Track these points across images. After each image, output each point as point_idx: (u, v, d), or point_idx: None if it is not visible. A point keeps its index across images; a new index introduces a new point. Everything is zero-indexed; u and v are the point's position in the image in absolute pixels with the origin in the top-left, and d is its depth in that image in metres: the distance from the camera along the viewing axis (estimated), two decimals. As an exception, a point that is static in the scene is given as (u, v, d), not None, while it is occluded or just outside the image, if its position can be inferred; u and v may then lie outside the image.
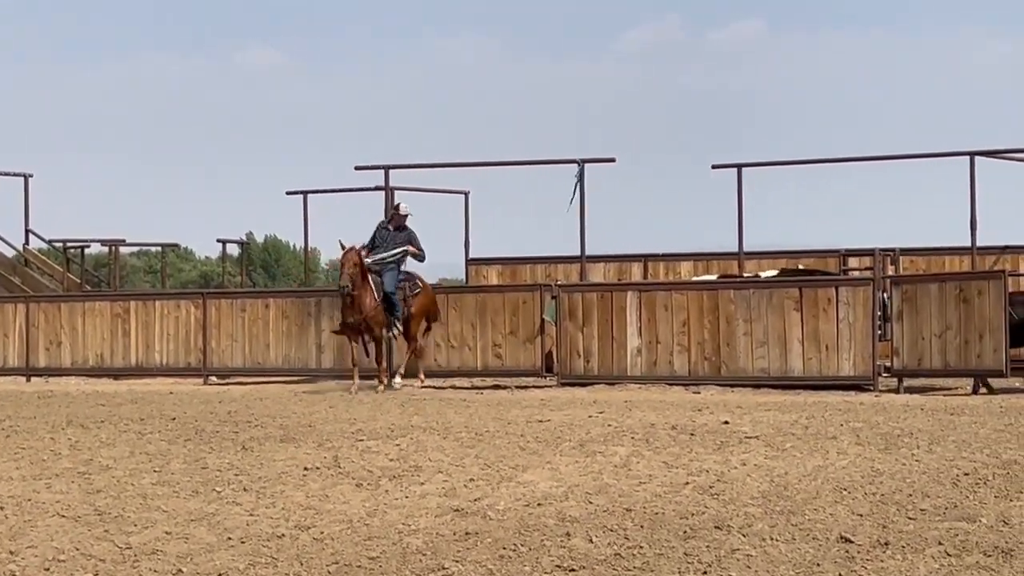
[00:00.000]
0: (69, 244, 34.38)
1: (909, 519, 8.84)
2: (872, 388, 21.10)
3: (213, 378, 25.26)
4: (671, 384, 21.97)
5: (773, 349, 21.79)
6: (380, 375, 21.94)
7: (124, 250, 41.01)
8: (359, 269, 21.66)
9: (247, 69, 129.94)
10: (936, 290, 21.13)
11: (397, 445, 13.20)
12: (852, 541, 8.08)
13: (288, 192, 29.63)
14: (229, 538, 8.55)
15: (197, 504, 9.85)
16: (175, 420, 16.15)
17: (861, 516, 8.96)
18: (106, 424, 15.72)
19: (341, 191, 29.42)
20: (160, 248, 39.93)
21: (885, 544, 8.00)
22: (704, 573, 7.38)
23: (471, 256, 28.10)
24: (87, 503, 9.95)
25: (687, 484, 10.48)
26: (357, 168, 25.85)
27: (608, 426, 14.86)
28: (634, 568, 7.52)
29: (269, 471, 11.45)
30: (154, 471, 11.56)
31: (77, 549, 8.27)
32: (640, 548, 8.00)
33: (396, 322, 22.07)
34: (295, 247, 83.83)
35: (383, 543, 8.31)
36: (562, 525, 8.78)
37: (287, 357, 24.85)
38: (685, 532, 8.48)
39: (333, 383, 22.78)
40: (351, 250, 21.61)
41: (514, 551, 7.99)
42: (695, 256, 27.80)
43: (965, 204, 23.09)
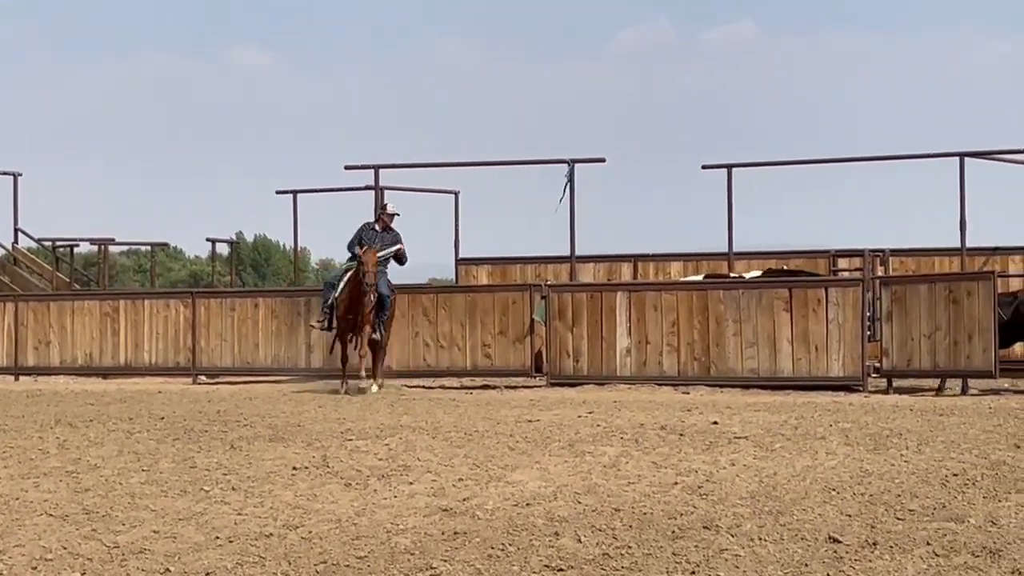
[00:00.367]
0: (58, 243, 34.33)
1: (897, 519, 8.84)
2: (861, 389, 21.12)
3: (202, 377, 25.23)
4: (660, 384, 21.98)
5: (762, 350, 21.80)
6: (367, 375, 21.78)
7: (113, 249, 40.90)
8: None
9: (237, 69, 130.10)
10: (926, 291, 21.16)
11: (386, 445, 13.19)
12: (840, 541, 8.08)
13: (278, 191, 29.66)
14: (217, 537, 8.53)
15: (185, 503, 9.83)
16: (164, 419, 16.13)
17: (850, 516, 8.96)
18: (95, 423, 15.70)
19: (331, 191, 29.44)
20: (149, 247, 39.89)
21: (873, 544, 8.00)
22: (692, 573, 7.37)
23: (461, 256, 28.09)
24: (75, 502, 9.93)
25: (676, 484, 10.48)
26: (347, 168, 25.90)
27: (597, 426, 14.86)
28: (622, 568, 7.51)
29: (258, 470, 11.43)
30: (142, 470, 11.54)
31: (65, 548, 8.25)
32: (628, 548, 7.99)
33: (381, 324, 21.95)
34: (285, 246, 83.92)
35: (371, 543, 8.29)
36: (551, 525, 8.77)
37: (276, 357, 24.82)
38: (674, 532, 8.48)
39: (322, 383, 22.74)
40: (371, 250, 21.40)
41: (503, 551, 7.98)
42: (685, 256, 27.81)
43: (955, 205, 23.15)
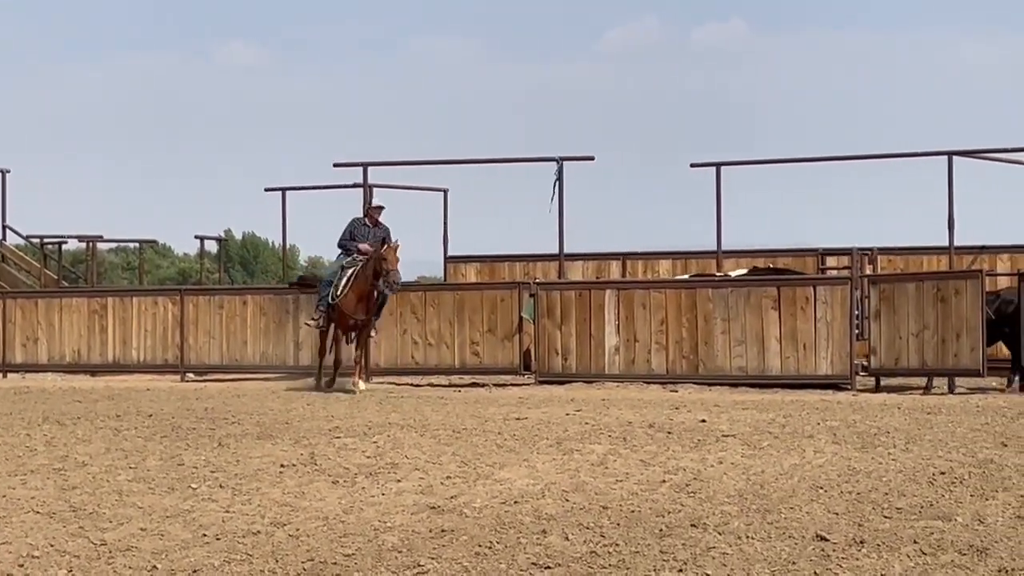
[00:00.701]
0: (46, 240, 34.27)
1: (885, 517, 8.85)
2: (849, 387, 21.13)
3: (190, 375, 25.19)
4: (649, 382, 21.98)
5: (751, 348, 21.81)
6: (361, 374, 21.72)
7: (102, 246, 40.80)
8: None
9: (226, 66, 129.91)
10: (913, 289, 21.17)
11: (374, 442, 13.19)
12: (828, 539, 8.09)
13: (267, 189, 29.58)
14: (204, 535, 8.52)
15: (173, 501, 9.83)
16: (152, 417, 16.12)
17: (837, 514, 8.97)
18: (82, 420, 15.68)
19: (320, 188, 29.38)
20: (138, 245, 39.78)
21: (861, 542, 8.00)
22: (680, 571, 7.37)
23: (450, 254, 28.05)
24: (62, 499, 9.92)
25: (664, 482, 10.48)
26: (336, 165, 25.86)
27: (585, 424, 14.86)
28: (610, 566, 7.51)
29: (245, 468, 11.43)
30: (130, 468, 11.53)
31: (52, 545, 8.24)
32: (616, 546, 7.99)
33: (374, 322, 21.93)
34: (273, 244, 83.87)
35: (359, 540, 8.29)
36: (538, 523, 8.78)
37: (265, 354, 24.79)
38: (661, 530, 8.48)
39: (312, 380, 22.70)
40: (392, 248, 21.30)
41: (490, 548, 7.98)
42: (674, 255, 27.80)
43: (943, 204, 23.16)
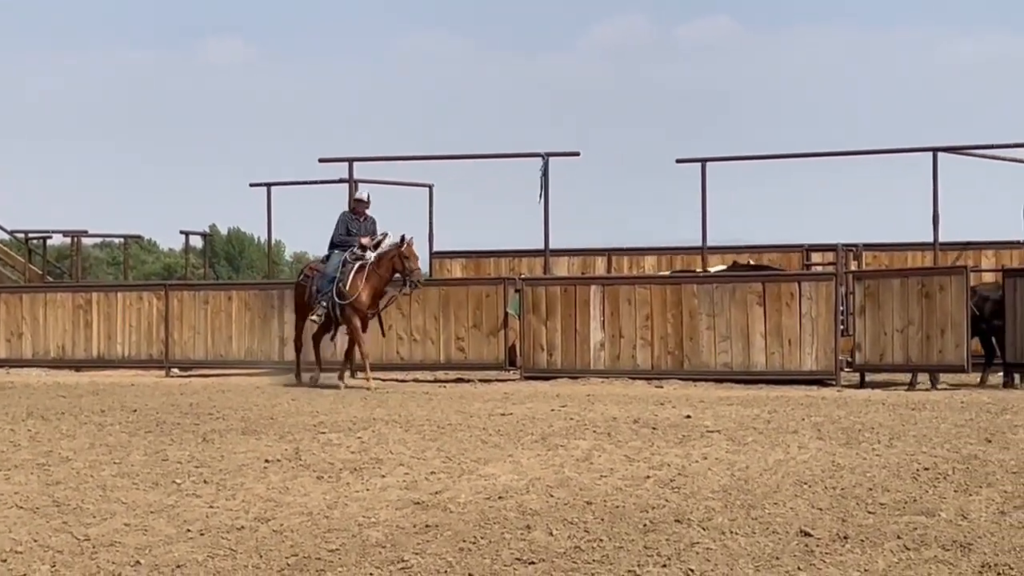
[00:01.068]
0: (31, 235, 34.20)
1: (869, 513, 8.87)
2: (834, 383, 21.17)
3: (175, 370, 25.16)
4: (634, 378, 21.99)
5: (736, 344, 21.84)
6: (367, 369, 21.59)
7: (86, 241, 40.74)
8: None
9: (211, 61, 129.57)
10: (898, 285, 21.21)
11: (359, 438, 13.18)
12: (811, 535, 8.10)
13: (252, 184, 29.48)
14: (188, 530, 8.52)
15: (157, 496, 9.81)
16: (136, 412, 16.09)
17: (821, 510, 8.98)
18: (66, 416, 15.66)
19: (305, 183, 29.33)
20: (123, 240, 39.72)
21: (844, 538, 8.02)
22: (663, 566, 7.38)
23: (435, 249, 28.01)
24: (46, 494, 9.90)
25: (648, 478, 10.49)
26: (321, 160, 25.84)
27: (570, 420, 14.87)
28: (593, 561, 7.51)
29: (230, 463, 11.41)
30: (114, 463, 11.51)
31: (35, 540, 8.22)
32: (600, 541, 8.00)
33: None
34: (259, 239, 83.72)
35: (343, 535, 8.29)
36: (523, 518, 8.78)
37: (250, 349, 24.78)
38: (645, 525, 8.49)
39: (292, 376, 22.62)
40: (411, 244, 21.36)
41: (474, 544, 7.98)
42: (659, 250, 27.82)
43: (928, 200, 23.18)
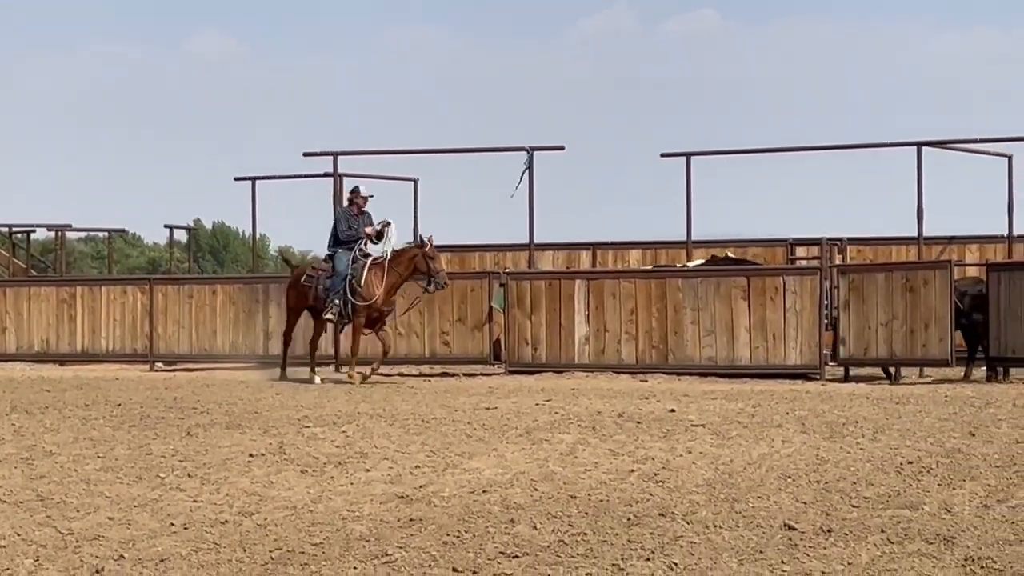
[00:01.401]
0: (15, 229, 34.15)
1: (852, 507, 8.88)
2: (819, 377, 21.20)
3: (159, 364, 25.14)
4: (618, 372, 22.01)
5: (720, 338, 21.86)
6: (352, 365, 21.54)
7: (71, 235, 40.79)
8: None
9: (196, 54, 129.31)
10: (883, 280, 21.26)
11: (343, 432, 13.17)
12: (795, 528, 8.11)
13: (236, 178, 29.48)
14: (172, 524, 8.50)
15: (140, 490, 9.80)
16: (120, 406, 16.07)
17: (805, 504, 8.99)
18: (50, 410, 15.63)
19: (290, 177, 29.33)
20: (107, 234, 39.66)
21: (828, 531, 8.03)
22: (647, 560, 7.38)
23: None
24: (29, 488, 9.88)
25: (632, 472, 10.49)
26: (306, 155, 25.82)
27: (555, 414, 14.87)
28: (577, 555, 7.51)
29: (214, 457, 11.40)
30: (98, 457, 11.49)
31: (18, 535, 8.21)
32: (584, 535, 8.00)
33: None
34: (244, 233, 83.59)
35: (327, 529, 8.28)
36: (506, 512, 8.78)
37: (234, 344, 24.77)
38: (629, 519, 8.49)
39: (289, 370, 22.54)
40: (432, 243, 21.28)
41: (458, 537, 7.98)
42: (644, 244, 27.86)
43: (912, 194, 23.23)
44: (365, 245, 21.21)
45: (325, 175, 25.69)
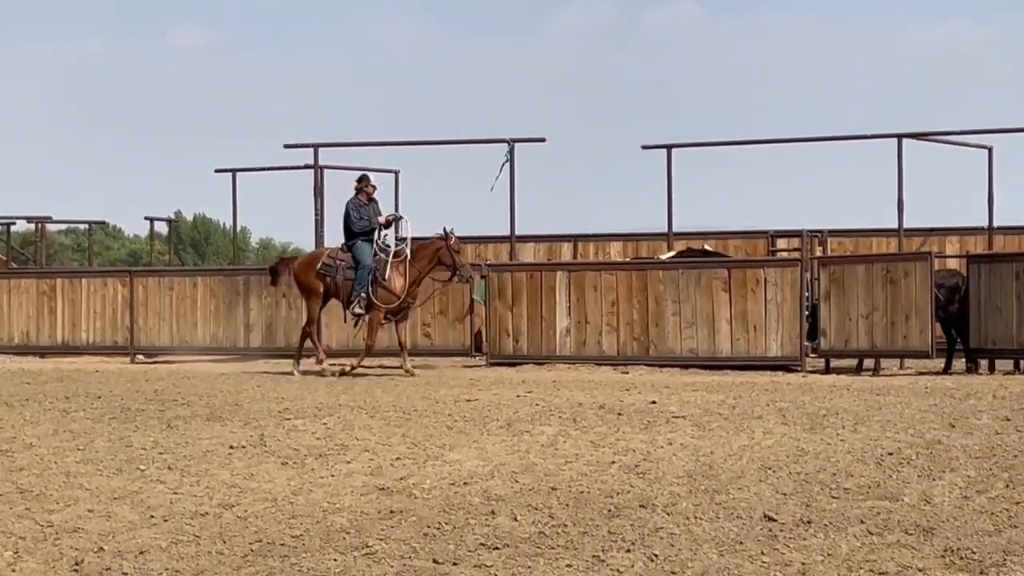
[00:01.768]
0: (-6, 221, 34.02)
1: (832, 498, 8.90)
2: (799, 368, 21.22)
3: (140, 356, 25.09)
4: (600, 364, 22.01)
5: (701, 329, 21.87)
6: (361, 356, 21.53)
7: (51, 227, 40.58)
8: None
9: (176, 47, 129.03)
10: (863, 271, 21.28)
11: (324, 424, 13.17)
12: (775, 520, 8.12)
13: (217, 170, 29.40)
14: (152, 516, 8.49)
15: (120, 482, 9.78)
16: (100, 399, 16.04)
17: (785, 495, 9.01)
18: (31, 402, 15.59)
19: (270, 169, 29.25)
20: (87, 226, 39.51)
21: (808, 523, 8.04)
22: (628, 551, 7.39)
23: (401, 235, 27.95)
24: (9, 481, 9.86)
25: (613, 463, 10.50)
26: (286, 146, 25.74)
27: (536, 406, 14.88)
28: (557, 546, 7.52)
29: (194, 449, 11.38)
30: (78, 449, 11.47)
31: (-3, 527, 8.19)
32: (564, 527, 8.00)
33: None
34: (224, 225, 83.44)
35: (307, 521, 8.27)
36: (487, 504, 8.78)
37: (215, 336, 24.72)
38: (610, 511, 8.49)
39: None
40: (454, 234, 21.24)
41: (439, 529, 7.98)
42: (625, 236, 27.86)
43: (893, 186, 23.25)
44: (382, 238, 21.18)
45: (306, 167, 25.63)
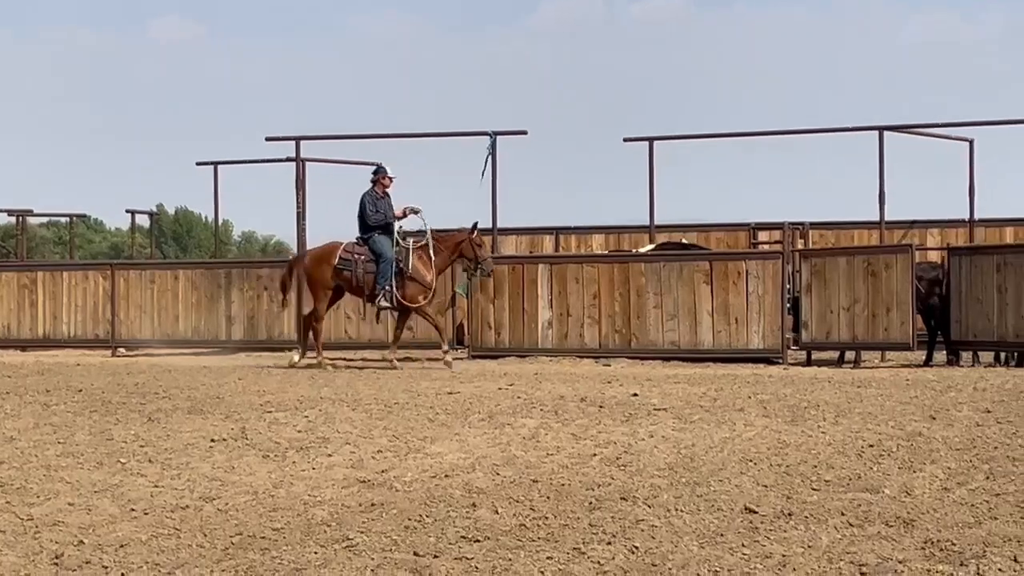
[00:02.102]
0: (-25, 214, 33.96)
1: (813, 490, 8.91)
2: (781, 361, 21.26)
3: (121, 350, 25.06)
4: (582, 356, 22.04)
5: (683, 322, 21.91)
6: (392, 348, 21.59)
7: (32, 220, 40.52)
8: None
9: (158, 39, 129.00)
10: (845, 264, 21.33)
11: (305, 417, 13.15)
12: (756, 512, 8.13)
13: (199, 163, 29.42)
14: (132, 509, 8.47)
15: (101, 476, 9.76)
16: (81, 392, 16.01)
17: (766, 487, 9.02)
18: (11, 395, 15.55)
19: (252, 162, 29.24)
20: (69, 219, 39.44)
21: (789, 515, 8.05)
22: (608, 544, 7.38)
23: (383, 228, 27.93)
24: (-11, 475, 9.83)
25: (594, 456, 10.50)
26: (268, 139, 25.72)
27: (517, 398, 14.88)
28: (539, 539, 7.51)
29: (175, 443, 11.36)
30: (58, 442, 11.44)
31: (-23, 521, 8.16)
32: (545, 519, 8.00)
33: None
34: (206, 218, 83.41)
35: (288, 514, 8.26)
36: (468, 496, 8.77)
37: (196, 329, 24.71)
38: (591, 503, 8.49)
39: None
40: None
41: (420, 522, 7.97)
42: (607, 229, 27.90)
43: (874, 178, 23.29)
44: (399, 230, 21.11)
45: (288, 160, 25.62)
